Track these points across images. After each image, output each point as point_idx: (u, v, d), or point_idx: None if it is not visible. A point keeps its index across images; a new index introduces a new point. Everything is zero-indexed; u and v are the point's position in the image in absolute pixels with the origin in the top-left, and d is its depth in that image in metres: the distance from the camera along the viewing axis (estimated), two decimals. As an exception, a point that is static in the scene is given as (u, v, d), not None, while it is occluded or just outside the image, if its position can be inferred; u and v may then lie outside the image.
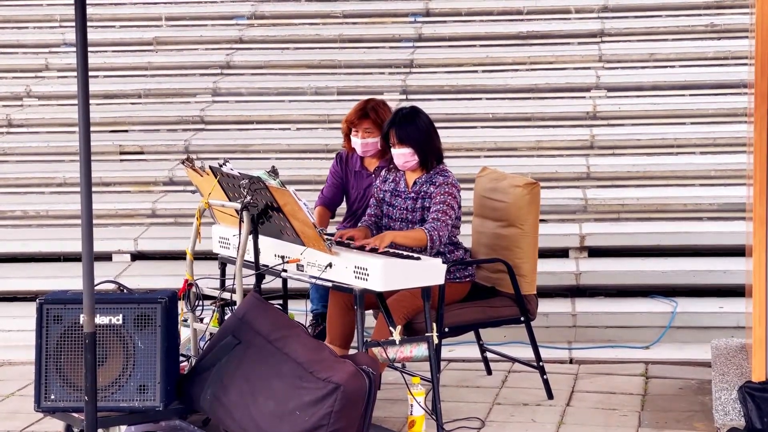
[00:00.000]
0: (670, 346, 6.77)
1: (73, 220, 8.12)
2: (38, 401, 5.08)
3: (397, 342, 5.24)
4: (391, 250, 5.42)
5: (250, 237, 5.40)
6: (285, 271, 5.48)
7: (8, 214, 8.36)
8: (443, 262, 5.35)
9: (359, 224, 5.93)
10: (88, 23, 10.09)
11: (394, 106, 6.37)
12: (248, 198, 5.33)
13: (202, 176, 5.66)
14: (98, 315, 4.96)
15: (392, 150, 5.70)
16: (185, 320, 5.63)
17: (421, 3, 10.41)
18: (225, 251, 5.82)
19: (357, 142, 6.22)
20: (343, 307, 5.69)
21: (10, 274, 7.73)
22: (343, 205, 6.54)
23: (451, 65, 9.74)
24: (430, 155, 5.69)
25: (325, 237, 5.27)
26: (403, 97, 9.32)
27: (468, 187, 6.56)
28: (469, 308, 5.75)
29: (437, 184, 5.66)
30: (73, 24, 4.57)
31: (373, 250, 5.40)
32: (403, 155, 5.67)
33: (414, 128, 5.64)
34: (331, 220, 6.55)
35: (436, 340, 5.34)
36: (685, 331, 6.88)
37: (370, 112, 6.19)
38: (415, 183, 5.73)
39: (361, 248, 5.46)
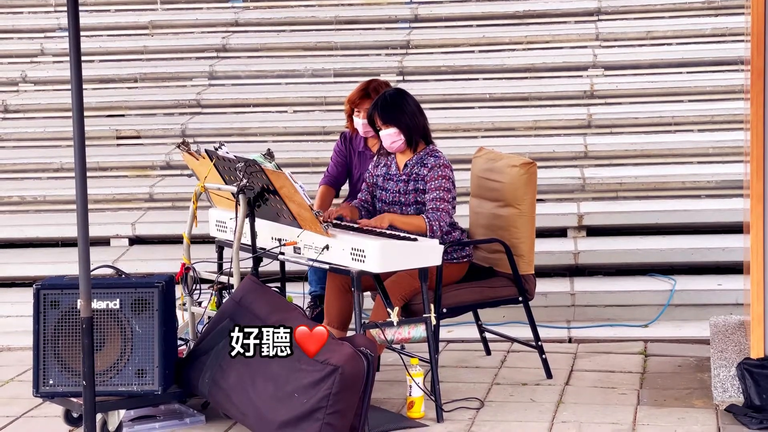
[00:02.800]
0: (669, 323, 6.78)
1: (70, 206, 8.10)
2: (36, 386, 5.09)
3: (395, 323, 5.24)
4: (388, 232, 5.42)
5: (247, 220, 5.40)
6: (282, 253, 5.47)
7: (5, 200, 8.35)
8: (440, 243, 5.35)
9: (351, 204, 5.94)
10: (83, 7, 10.18)
11: (393, 86, 6.36)
12: (244, 181, 5.33)
13: (198, 160, 5.65)
14: (95, 300, 4.96)
15: (379, 133, 5.70)
16: (183, 304, 5.63)
17: (417, -17, 10.40)
18: (222, 234, 5.81)
19: (359, 122, 6.23)
20: (340, 289, 5.69)
21: (8, 260, 7.72)
22: (346, 185, 6.55)
23: (448, 45, 9.71)
24: (416, 134, 5.68)
25: (322, 219, 5.26)
26: (400, 78, 9.30)
27: (465, 167, 6.54)
28: (467, 289, 5.74)
29: (429, 166, 5.65)
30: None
31: (366, 230, 5.40)
32: (389, 135, 5.66)
33: (397, 108, 5.64)
34: (334, 200, 6.55)
35: (434, 321, 5.34)
36: (684, 309, 6.89)
37: (371, 93, 6.19)
38: (405, 165, 5.72)
39: (359, 229, 5.46)
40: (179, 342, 5.42)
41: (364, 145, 6.36)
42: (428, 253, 5.26)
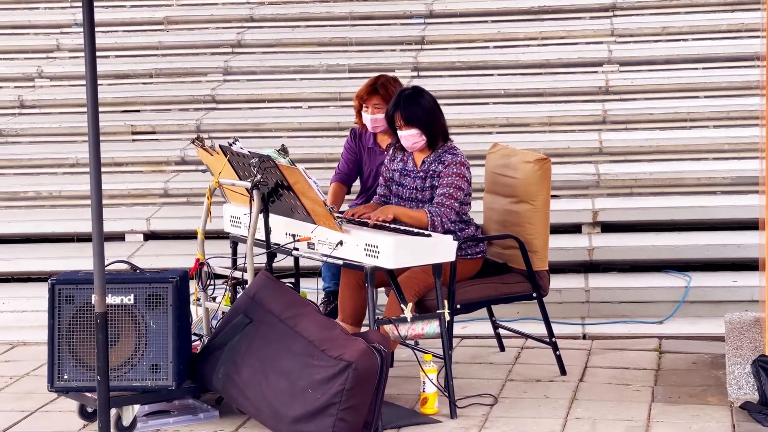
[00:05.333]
0: (684, 320, 6.76)
1: (85, 201, 8.11)
2: (51, 381, 5.11)
3: (409, 319, 5.24)
4: (402, 227, 5.42)
5: (261, 216, 5.40)
6: (296, 249, 5.48)
7: (21, 195, 8.37)
8: (454, 239, 5.34)
9: (371, 201, 5.94)
10: (99, 3, 10.19)
11: (405, 83, 6.36)
12: (258, 177, 5.33)
13: (212, 155, 5.65)
14: (110, 295, 4.97)
15: (399, 132, 5.68)
16: (198, 299, 5.64)
17: (432, -21, 10.38)
18: (236, 230, 5.82)
19: (367, 117, 6.23)
20: (354, 285, 5.69)
21: (24, 255, 7.74)
22: (357, 181, 6.54)
23: (463, 41, 9.70)
24: (437, 134, 5.67)
25: (336, 215, 5.27)
26: (415, 73, 9.29)
27: (479, 163, 6.54)
28: (480, 285, 5.74)
29: (446, 163, 5.64)
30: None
31: (377, 226, 5.40)
32: (411, 136, 5.65)
33: (419, 108, 5.62)
34: (345, 196, 6.55)
35: (447, 317, 5.34)
36: (699, 306, 6.87)
37: (379, 88, 6.19)
38: (423, 162, 5.71)
39: (365, 223, 5.46)
40: (193, 337, 5.43)
41: (373, 142, 6.36)
42: (442, 249, 5.26)
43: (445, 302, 5.34)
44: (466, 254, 5.71)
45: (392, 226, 5.45)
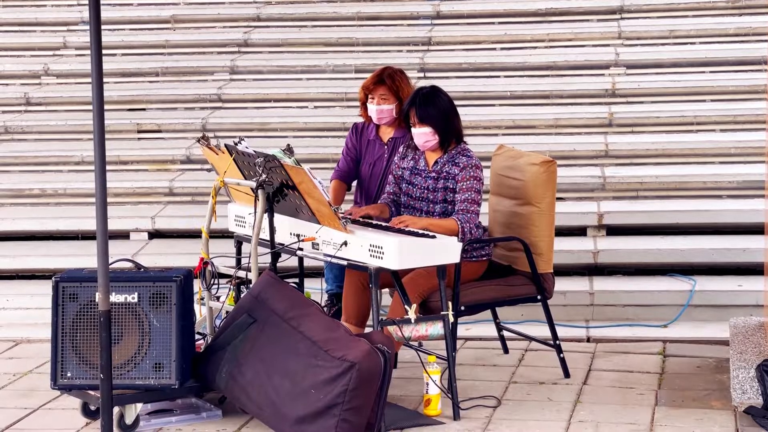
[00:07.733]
0: (688, 324, 6.75)
1: (90, 199, 8.11)
2: (55, 379, 5.11)
3: (413, 320, 5.23)
4: (406, 228, 5.41)
5: (266, 215, 5.40)
6: (300, 249, 5.47)
7: (26, 193, 8.38)
8: (459, 240, 5.34)
9: (379, 201, 5.93)
10: (106, 1, 10.18)
11: (411, 83, 6.36)
12: (263, 176, 5.33)
13: (217, 155, 5.65)
14: (113, 293, 4.97)
15: (412, 129, 5.69)
16: (201, 299, 5.64)
17: (440, -20, 10.37)
18: (241, 229, 5.82)
19: (372, 108, 6.23)
20: (358, 285, 5.69)
21: (28, 252, 7.75)
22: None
23: (469, 43, 9.69)
24: (450, 135, 5.67)
25: (341, 215, 5.26)
26: (421, 74, 9.28)
27: (485, 165, 6.53)
28: (485, 287, 5.73)
29: (461, 166, 5.64)
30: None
31: (390, 228, 5.39)
32: (423, 134, 5.65)
33: (434, 107, 5.62)
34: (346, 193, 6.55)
35: (451, 319, 5.33)
36: (704, 310, 6.86)
37: (386, 79, 6.20)
38: (436, 162, 5.70)
39: (377, 226, 5.45)
40: (197, 336, 5.43)
41: (375, 134, 6.36)
42: (446, 250, 5.25)
43: (450, 304, 5.34)
44: (472, 256, 5.70)
45: (398, 227, 5.44)
